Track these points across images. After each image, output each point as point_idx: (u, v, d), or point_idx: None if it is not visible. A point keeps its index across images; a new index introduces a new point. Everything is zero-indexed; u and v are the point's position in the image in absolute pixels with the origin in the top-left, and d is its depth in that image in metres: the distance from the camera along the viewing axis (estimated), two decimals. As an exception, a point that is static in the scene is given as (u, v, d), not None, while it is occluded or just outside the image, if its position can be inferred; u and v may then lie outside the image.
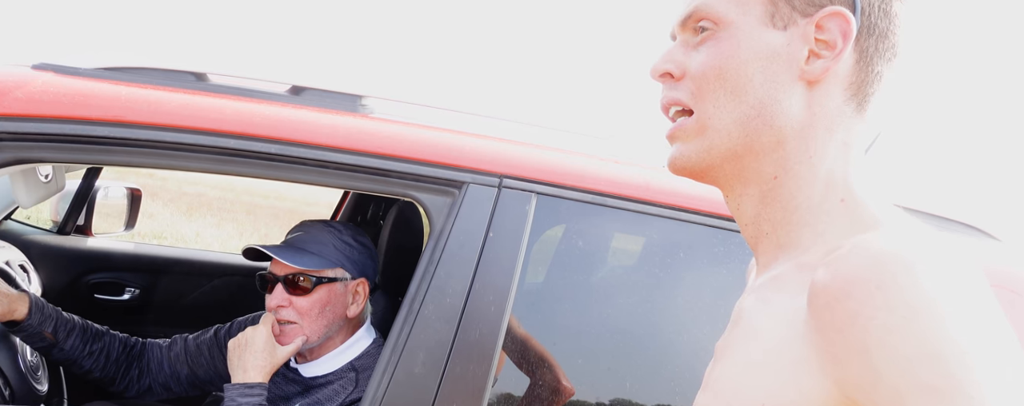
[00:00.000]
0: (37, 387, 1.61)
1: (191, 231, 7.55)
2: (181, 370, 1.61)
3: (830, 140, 0.63)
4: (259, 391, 1.36)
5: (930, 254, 0.53)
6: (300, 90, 1.32)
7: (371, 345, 1.49)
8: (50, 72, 1.22)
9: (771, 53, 0.61)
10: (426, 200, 1.26)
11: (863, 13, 0.61)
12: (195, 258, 2.64)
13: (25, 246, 2.12)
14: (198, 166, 1.22)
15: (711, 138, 0.63)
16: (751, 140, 0.63)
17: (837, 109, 0.62)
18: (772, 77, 0.61)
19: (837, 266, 0.54)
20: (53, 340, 1.48)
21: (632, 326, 1.37)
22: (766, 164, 0.63)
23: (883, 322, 0.51)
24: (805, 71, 0.61)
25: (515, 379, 1.30)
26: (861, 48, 0.62)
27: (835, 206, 0.62)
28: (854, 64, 0.62)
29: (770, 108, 0.62)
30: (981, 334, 0.51)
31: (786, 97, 0.62)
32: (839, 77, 0.62)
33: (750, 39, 0.62)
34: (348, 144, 1.23)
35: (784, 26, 0.62)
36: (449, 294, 1.21)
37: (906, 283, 0.51)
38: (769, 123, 0.62)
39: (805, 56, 0.61)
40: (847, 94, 0.62)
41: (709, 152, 0.64)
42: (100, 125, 1.16)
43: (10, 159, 1.16)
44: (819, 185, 0.62)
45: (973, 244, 1.45)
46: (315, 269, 1.42)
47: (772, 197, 0.64)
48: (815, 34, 0.61)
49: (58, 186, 1.58)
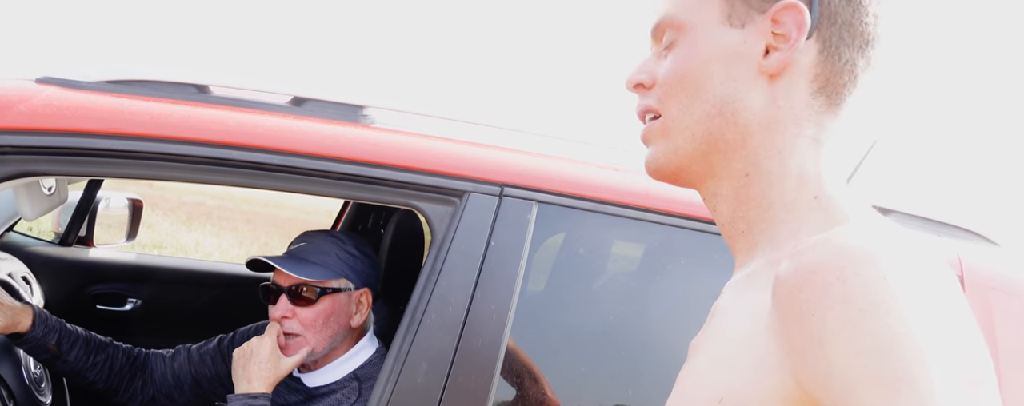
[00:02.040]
0: (41, 399, 1.61)
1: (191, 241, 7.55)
2: (185, 380, 1.61)
3: (799, 135, 0.62)
4: (263, 402, 1.36)
5: (895, 250, 0.53)
6: (301, 101, 1.32)
7: (374, 354, 1.49)
8: (53, 85, 1.23)
9: (730, 51, 0.62)
10: (427, 209, 1.26)
11: (822, 2, 0.61)
12: (197, 268, 2.64)
13: (28, 258, 2.12)
14: (201, 178, 1.23)
15: (676, 139, 0.64)
16: (715, 138, 0.63)
17: (804, 103, 0.62)
18: (732, 75, 0.62)
19: (800, 258, 0.54)
20: (57, 352, 1.48)
21: (634, 334, 1.37)
22: (735, 161, 0.63)
23: (840, 313, 0.51)
24: (763, 65, 0.61)
25: (517, 388, 1.30)
26: (824, 38, 0.61)
27: (808, 203, 0.62)
28: (817, 54, 0.61)
29: (731, 105, 0.62)
30: (938, 332, 0.51)
31: (748, 93, 0.62)
32: (803, 70, 0.61)
33: (708, 40, 0.62)
34: (349, 154, 1.24)
35: (742, 24, 0.62)
36: (451, 303, 1.21)
37: (867, 276, 0.51)
38: (731, 120, 0.62)
39: (762, 51, 0.61)
40: (814, 87, 0.62)
41: (676, 153, 0.65)
42: (103, 138, 1.17)
43: (13, 172, 1.16)
44: (791, 182, 0.62)
45: (973, 248, 1.46)
46: (319, 280, 1.43)
47: (745, 195, 0.64)
48: (772, 28, 0.61)
49: (61, 198, 1.59)
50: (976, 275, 1.38)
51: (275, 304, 1.44)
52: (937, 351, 0.50)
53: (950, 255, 1.40)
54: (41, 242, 2.42)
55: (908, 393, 0.49)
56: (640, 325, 1.37)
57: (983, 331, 1.35)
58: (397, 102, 1.38)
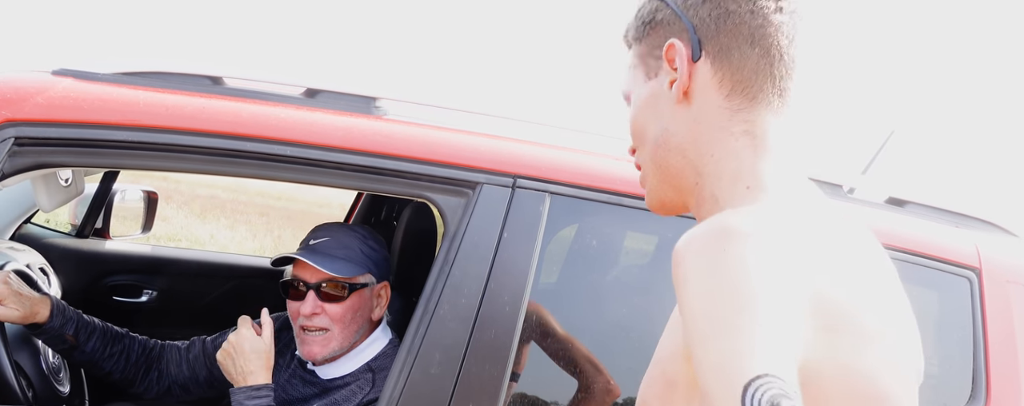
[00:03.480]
0: (59, 388, 1.63)
1: (206, 233, 7.60)
2: (200, 372, 1.62)
3: (729, 136, 0.73)
4: (266, 392, 1.37)
5: (749, 226, 0.63)
6: (315, 93, 1.33)
7: (387, 345, 1.50)
8: (70, 77, 1.24)
9: (651, 97, 0.76)
10: (440, 201, 1.26)
11: (696, 28, 0.73)
12: (212, 260, 2.66)
13: (45, 249, 2.14)
14: (215, 169, 1.24)
15: (649, 180, 0.79)
16: (666, 166, 0.76)
17: (720, 108, 0.73)
18: (657, 114, 0.76)
19: (683, 238, 0.66)
20: (74, 342, 1.50)
21: (647, 325, 1.37)
22: (688, 178, 0.75)
23: (688, 280, 0.62)
24: (674, 99, 0.74)
25: (531, 379, 1.31)
26: (711, 52, 0.73)
27: (741, 193, 0.71)
28: (712, 66, 0.73)
29: (664, 136, 0.75)
30: (758, 293, 0.59)
31: (672, 123, 0.75)
32: (707, 83, 0.73)
33: (639, 97, 0.78)
34: (362, 146, 1.24)
35: (655, 74, 0.76)
36: (464, 294, 1.22)
37: (711, 248, 0.62)
38: (668, 148, 0.75)
39: (670, 89, 0.75)
40: (725, 92, 0.73)
41: (654, 190, 0.79)
42: (119, 129, 1.18)
43: (31, 164, 1.17)
44: (726, 178, 0.72)
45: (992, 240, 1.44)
46: (349, 276, 1.42)
47: (701, 199, 0.75)
48: (668, 67, 0.75)
49: (78, 190, 1.60)
50: (994, 268, 1.36)
51: (303, 301, 1.43)
52: (756, 308, 0.58)
53: (968, 247, 1.38)
54: (58, 234, 2.44)
55: (719, 345, 0.58)
56: (652, 317, 1.36)
57: (1002, 325, 1.33)
58: (410, 94, 1.38)
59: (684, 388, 0.67)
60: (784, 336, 0.59)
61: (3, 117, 1.14)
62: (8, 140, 1.14)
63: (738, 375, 0.55)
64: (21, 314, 1.40)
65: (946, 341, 1.37)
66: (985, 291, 1.33)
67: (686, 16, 0.73)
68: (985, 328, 1.31)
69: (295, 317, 1.45)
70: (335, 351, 1.44)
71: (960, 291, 1.34)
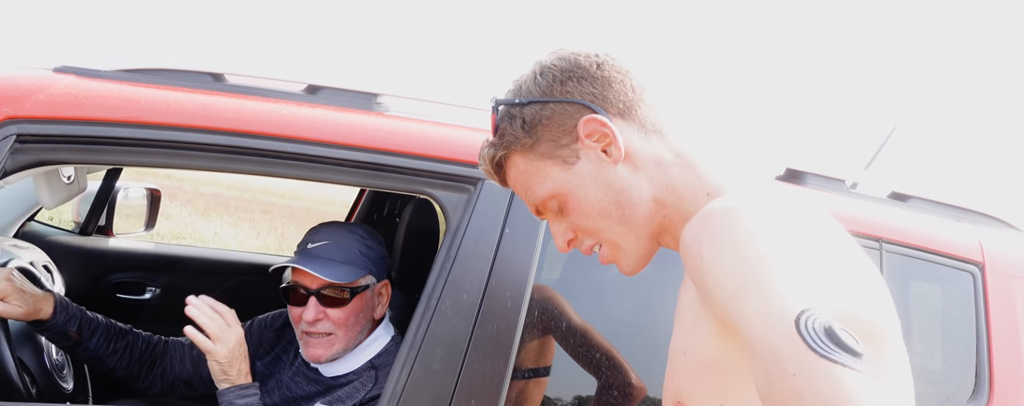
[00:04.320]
0: (63, 385, 1.64)
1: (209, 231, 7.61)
2: (203, 368, 1.62)
3: (668, 165, 0.84)
4: (253, 391, 1.37)
5: (747, 204, 0.71)
6: (316, 89, 1.33)
7: (389, 342, 1.50)
8: (71, 75, 1.24)
9: (592, 176, 0.84)
10: (442, 197, 1.26)
11: (592, 102, 0.84)
12: (215, 257, 2.66)
13: (49, 247, 2.15)
14: (217, 166, 1.24)
15: (628, 244, 0.86)
16: (638, 221, 0.84)
17: (644, 148, 0.85)
18: (607, 184, 0.84)
19: (686, 229, 0.74)
20: (78, 339, 1.50)
21: (648, 320, 1.37)
22: (656, 218, 0.85)
23: (705, 256, 0.68)
24: (615, 160, 0.84)
25: (532, 374, 1.31)
26: (613, 112, 0.84)
27: (705, 200, 0.81)
28: (623, 120, 0.84)
29: (625, 197, 0.84)
30: (778, 250, 0.65)
31: (624, 181, 0.84)
32: (626, 135, 0.84)
33: (572, 186, 0.85)
34: (364, 142, 1.24)
35: (576, 157, 0.85)
36: (466, 290, 1.22)
37: (720, 225, 0.69)
38: (633, 203, 0.84)
39: (603, 156, 0.84)
40: (641, 136, 0.85)
41: (638, 250, 0.86)
42: (120, 126, 1.18)
43: (33, 161, 1.17)
44: (687, 197, 0.83)
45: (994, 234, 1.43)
46: (350, 281, 1.42)
47: (674, 228, 0.84)
48: (589, 141, 0.84)
49: (80, 187, 1.60)
50: (997, 262, 1.36)
51: (303, 306, 1.42)
52: (782, 261, 0.64)
53: (971, 241, 1.38)
54: (61, 231, 2.45)
55: (755, 292, 0.62)
56: (654, 312, 1.36)
57: (1005, 319, 1.33)
58: (411, 90, 1.37)
59: (725, 364, 0.71)
60: (811, 274, 0.64)
61: (5, 114, 1.14)
62: (10, 137, 1.14)
63: (784, 313, 0.59)
64: (25, 311, 1.40)
65: (949, 336, 1.37)
66: (988, 285, 1.33)
67: (578, 99, 0.84)
68: (988, 323, 1.31)
69: (297, 322, 1.45)
70: (339, 352, 1.44)
71: (963, 286, 1.33)
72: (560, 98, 0.84)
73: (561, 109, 0.84)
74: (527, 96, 0.86)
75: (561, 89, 0.84)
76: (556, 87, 0.85)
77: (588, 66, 0.85)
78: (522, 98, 0.86)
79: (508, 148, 0.87)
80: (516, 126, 0.85)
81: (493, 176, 0.91)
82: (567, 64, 0.86)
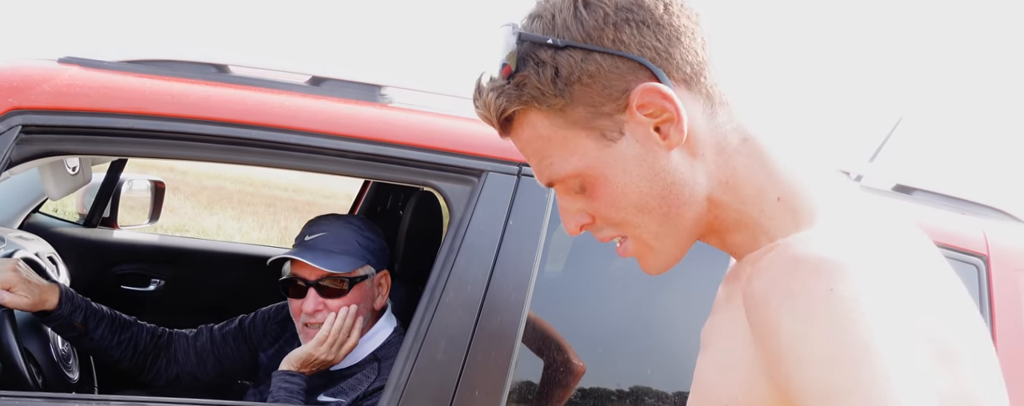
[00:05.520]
0: (69, 376, 1.65)
1: (213, 224, 7.63)
2: (207, 359, 1.63)
3: (732, 154, 0.65)
4: (298, 380, 1.39)
5: (845, 254, 0.56)
6: (320, 80, 1.32)
7: (392, 334, 1.50)
8: (76, 65, 1.24)
9: (633, 159, 0.63)
10: (446, 189, 1.26)
11: (653, 61, 0.62)
12: (219, 249, 2.67)
13: (53, 238, 2.15)
14: (221, 157, 1.24)
15: (665, 244, 0.67)
16: (684, 222, 0.66)
17: (707, 130, 0.64)
18: (654, 173, 0.64)
19: (759, 275, 0.58)
20: (83, 330, 1.51)
21: (651, 313, 1.37)
22: (705, 218, 0.67)
23: (790, 329, 0.54)
24: (670, 144, 0.63)
25: (536, 366, 1.31)
26: (678, 78, 0.63)
27: (773, 206, 0.64)
28: (688, 90, 0.63)
29: (673, 193, 0.64)
30: (891, 331, 0.53)
31: (669, 171, 0.64)
32: (691, 115, 0.63)
33: (608, 166, 0.64)
34: (368, 134, 1.24)
35: (619, 132, 0.63)
36: (469, 282, 1.22)
37: (814, 290, 0.54)
38: (682, 202, 0.65)
39: (656, 135, 0.63)
40: (707, 111, 0.64)
41: (675, 252, 0.67)
42: (125, 117, 1.18)
43: (39, 151, 1.18)
44: (751, 201, 0.65)
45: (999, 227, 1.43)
46: (348, 271, 1.43)
47: (721, 225, 0.67)
48: (644, 115, 0.62)
49: (85, 178, 1.61)
50: (1002, 255, 1.36)
51: (302, 298, 1.43)
52: (889, 352, 0.52)
53: (976, 234, 1.38)
54: (66, 223, 2.46)
55: (855, 398, 0.51)
56: (658, 305, 1.36)
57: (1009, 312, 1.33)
58: (415, 81, 1.37)
59: None
60: (922, 382, 0.53)
61: (10, 105, 1.14)
62: (16, 128, 1.14)
63: None
64: (30, 301, 1.41)
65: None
66: (992, 278, 1.32)
67: (636, 55, 0.61)
68: (992, 315, 1.31)
69: (297, 315, 1.45)
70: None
71: (967, 278, 1.33)
72: (612, 50, 0.61)
73: (611, 65, 0.61)
74: (565, 36, 0.61)
75: (614, 36, 0.61)
76: (607, 32, 0.61)
77: (652, 6, 0.61)
78: (558, 39, 0.61)
79: (528, 103, 0.63)
80: (544, 76, 0.62)
81: (493, 124, 0.67)
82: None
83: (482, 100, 0.66)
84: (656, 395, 1.34)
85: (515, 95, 0.63)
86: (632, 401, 1.34)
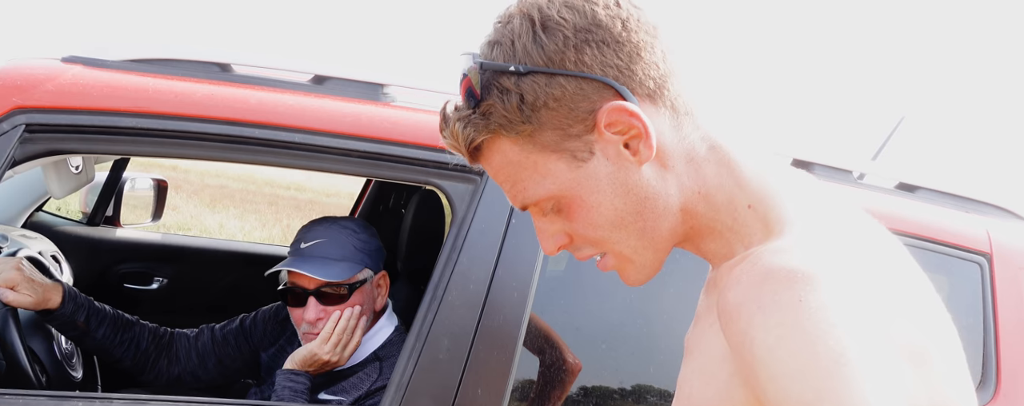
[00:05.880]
0: (72, 374, 1.65)
1: (215, 223, 7.64)
2: (208, 359, 1.63)
3: (702, 165, 0.66)
4: (303, 379, 1.39)
5: (815, 266, 0.56)
6: (322, 79, 1.33)
7: (393, 333, 1.50)
8: (79, 65, 1.24)
9: (606, 178, 0.64)
10: (448, 187, 1.26)
11: (627, 82, 0.62)
12: (221, 248, 2.67)
13: (56, 237, 2.16)
14: (223, 156, 1.24)
15: (644, 257, 0.68)
16: (661, 234, 0.67)
17: (674, 141, 0.65)
18: (627, 189, 0.64)
19: (731, 287, 0.59)
20: (85, 329, 1.51)
21: (654, 311, 1.37)
22: (680, 229, 0.68)
23: (761, 341, 0.54)
24: (641, 160, 0.64)
25: (539, 365, 1.31)
26: (642, 93, 0.63)
27: (745, 214, 0.65)
28: (652, 104, 0.64)
29: (647, 207, 0.65)
30: (857, 343, 0.53)
31: (642, 186, 0.65)
32: (657, 129, 0.64)
33: (581, 186, 0.64)
34: (370, 132, 1.24)
35: (589, 152, 0.64)
36: (472, 281, 1.22)
37: (784, 301, 0.54)
38: (657, 214, 0.66)
39: (626, 152, 0.63)
40: (672, 123, 0.65)
41: (654, 264, 0.69)
42: (128, 116, 1.18)
43: (42, 150, 1.18)
44: (724, 209, 0.66)
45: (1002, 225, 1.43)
46: (347, 278, 1.42)
47: (697, 234, 0.68)
48: (612, 133, 0.63)
49: (88, 177, 1.61)
50: (1005, 253, 1.35)
51: (302, 307, 1.42)
52: (861, 362, 0.52)
53: (979, 232, 1.38)
54: (69, 222, 2.46)
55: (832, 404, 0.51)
56: (659, 303, 1.36)
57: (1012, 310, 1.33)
58: (418, 80, 1.37)
59: None
60: (895, 391, 0.53)
61: (14, 104, 1.15)
62: (19, 127, 1.14)
63: None
64: (33, 300, 1.41)
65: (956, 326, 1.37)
66: (995, 276, 1.32)
67: (600, 75, 0.61)
68: (995, 314, 1.31)
69: (298, 323, 1.45)
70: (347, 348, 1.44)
71: (970, 276, 1.33)
72: (575, 72, 0.61)
73: (575, 87, 0.62)
74: (527, 62, 0.61)
75: (576, 58, 0.61)
76: (569, 55, 0.61)
77: (610, 25, 0.62)
78: (520, 65, 0.61)
79: (495, 131, 0.64)
80: (510, 104, 0.62)
81: (462, 153, 0.67)
82: (582, 19, 0.62)
83: (449, 130, 0.66)
84: (658, 393, 1.34)
85: (482, 124, 0.64)
86: (634, 399, 1.34)
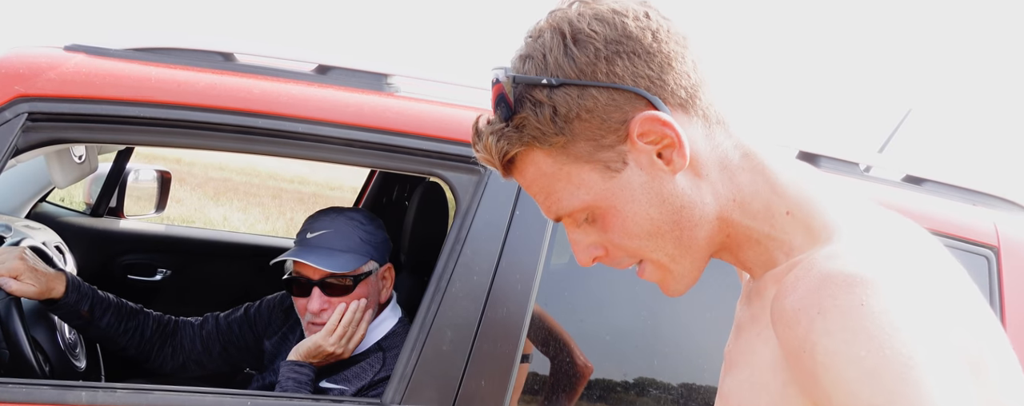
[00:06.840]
0: (76, 364, 1.65)
1: (219, 215, 7.65)
2: (213, 348, 1.64)
3: (735, 172, 0.66)
4: (307, 370, 1.39)
5: (873, 270, 0.56)
6: (326, 69, 1.32)
7: (397, 324, 1.50)
8: (82, 53, 1.24)
9: (644, 187, 0.65)
10: (452, 178, 1.26)
11: (658, 92, 0.63)
12: (225, 239, 2.68)
13: (60, 228, 2.16)
14: (226, 145, 1.24)
15: (682, 266, 0.68)
16: (698, 243, 0.67)
17: (708, 149, 0.65)
18: (662, 199, 0.65)
19: (787, 294, 0.58)
20: (89, 318, 1.51)
21: (658, 304, 1.36)
22: (718, 237, 0.68)
23: (825, 347, 0.54)
24: (674, 169, 0.65)
25: (542, 356, 1.31)
26: (674, 102, 0.64)
27: (784, 220, 0.65)
28: (685, 114, 0.64)
29: (683, 216, 0.65)
30: (926, 339, 0.54)
31: (678, 195, 0.65)
32: (691, 137, 0.64)
33: (615, 197, 0.65)
34: (374, 123, 1.24)
35: (623, 162, 0.65)
36: (476, 272, 1.22)
37: (845, 305, 0.54)
38: (693, 224, 0.66)
39: (659, 162, 0.64)
40: (705, 132, 0.65)
41: (693, 273, 0.69)
42: (131, 105, 1.18)
43: (45, 140, 1.18)
44: (761, 217, 0.66)
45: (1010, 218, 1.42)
46: (352, 269, 1.42)
47: (735, 243, 0.68)
48: (645, 143, 0.64)
49: (91, 167, 1.61)
50: (1013, 246, 1.35)
51: (307, 297, 1.42)
52: (930, 365, 0.53)
53: (986, 225, 1.37)
54: (73, 212, 2.46)
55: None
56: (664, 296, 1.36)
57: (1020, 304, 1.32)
58: (422, 70, 1.37)
59: None
60: (965, 396, 0.54)
61: (16, 93, 1.14)
62: (22, 116, 1.14)
63: None
64: (37, 289, 1.41)
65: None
66: (1003, 269, 1.31)
67: (631, 86, 0.63)
68: (1003, 307, 1.30)
69: (303, 313, 1.45)
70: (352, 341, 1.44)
71: (978, 269, 1.32)
72: (607, 83, 0.62)
73: (608, 98, 0.63)
74: (559, 75, 0.63)
75: (607, 70, 0.62)
76: (600, 67, 0.62)
77: (640, 36, 0.63)
78: (552, 78, 0.63)
79: (529, 144, 0.64)
80: (544, 116, 0.63)
81: (496, 166, 0.68)
82: (612, 31, 0.62)
83: (482, 143, 0.67)
84: (661, 386, 1.33)
85: (516, 137, 0.65)
86: (638, 391, 1.34)
